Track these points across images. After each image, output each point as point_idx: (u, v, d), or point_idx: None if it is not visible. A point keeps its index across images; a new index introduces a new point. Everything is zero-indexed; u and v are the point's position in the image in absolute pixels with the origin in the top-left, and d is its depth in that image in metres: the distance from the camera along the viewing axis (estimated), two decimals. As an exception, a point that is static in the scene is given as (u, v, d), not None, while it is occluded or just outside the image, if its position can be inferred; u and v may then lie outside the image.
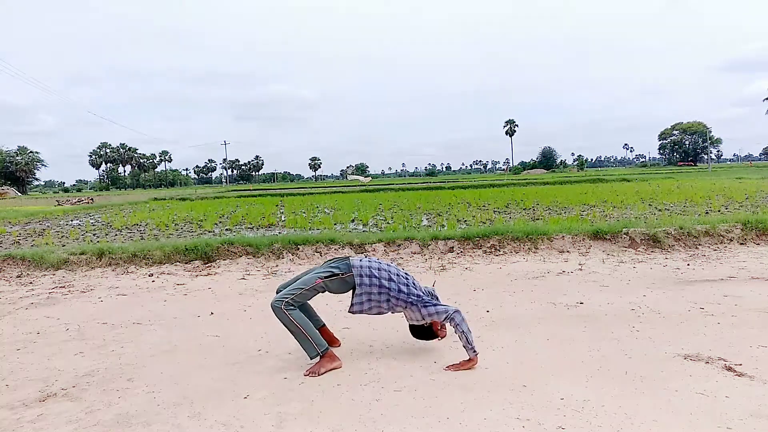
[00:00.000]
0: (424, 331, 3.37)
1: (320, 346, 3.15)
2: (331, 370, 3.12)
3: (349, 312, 3.31)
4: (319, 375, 3.06)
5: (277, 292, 3.33)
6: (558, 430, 2.32)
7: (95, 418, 2.62)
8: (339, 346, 3.54)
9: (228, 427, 2.47)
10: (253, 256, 6.99)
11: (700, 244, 6.94)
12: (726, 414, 2.41)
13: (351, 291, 3.27)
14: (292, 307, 3.16)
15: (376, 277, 3.22)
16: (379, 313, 3.32)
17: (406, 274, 3.38)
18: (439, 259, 6.69)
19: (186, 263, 6.83)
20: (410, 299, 3.23)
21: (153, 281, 6.08)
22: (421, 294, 3.30)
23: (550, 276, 5.64)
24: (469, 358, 3.11)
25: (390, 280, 3.24)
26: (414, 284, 3.33)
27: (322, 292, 3.25)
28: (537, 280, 5.50)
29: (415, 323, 3.32)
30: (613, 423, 2.36)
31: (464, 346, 3.11)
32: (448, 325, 3.26)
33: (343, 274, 3.23)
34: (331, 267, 3.26)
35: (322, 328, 3.48)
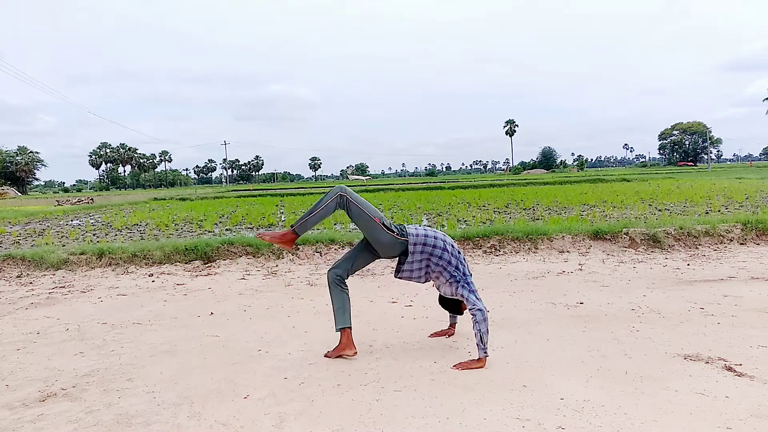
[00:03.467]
0: (452, 303, 3.43)
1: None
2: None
3: (396, 277, 3.35)
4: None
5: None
6: (558, 430, 2.31)
7: (95, 418, 2.62)
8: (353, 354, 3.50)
9: (228, 427, 2.47)
10: (253, 256, 6.99)
11: (700, 244, 6.94)
12: (726, 414, 2.41)
13: (398, 257, 3.30)
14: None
15: (430, 246, 3.24)
16: (425, 281, 3.36)
17: (459, 249, 3.40)
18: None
19: (186, 263, 6.83)
20: (456, 275, 3.26)
21: (153, 281, 6.08)
22: (467, 273, 3.33)
23: (550, 276, 5.64)
24: (479, 358, 3.11)
25: (444, 250, 3.26)
26: (463, 261, 3.35)
27: (375, 255, 3.32)
28: (537, 280, 5.50)
29: (446, 296, 3.36)
30: (613, 423, 2.36)
31: (477, 344, 3.11)
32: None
33: (397, 236, 3.25)
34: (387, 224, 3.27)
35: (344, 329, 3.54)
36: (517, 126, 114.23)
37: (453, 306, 3.46)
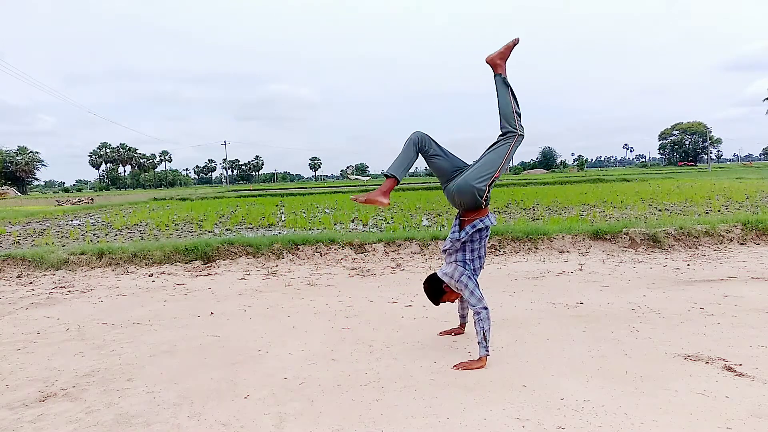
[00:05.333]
0: (436, 291, 3.30)
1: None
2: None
3: (457, 237, 3.22)
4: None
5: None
6: (558, 430, 2.32)
7: (95, 418, 2.62)
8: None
9: (228, 427, 2.47)
10: (253, 256, 6.99)
11: (700, 244, 6.94)
12: (726, 414, 2.41)
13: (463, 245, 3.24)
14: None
15: (487, 229, 3.27)
16: (461, 249, 3.26)
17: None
18: (439, 259, 6.69)
19: (186, 263, 6.83)
20: (469, 263, 3.22)
21: (153, 281, 6.08)
22: (478, 267, 3.29)
23: (550, 276, 5.64)
24: (479, 357, 3.11)
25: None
26: (483, 255, 3.33)
27: (445, 179, 3.26)
28: (537, 280, 5.49)
29: (444, 279, 3.25)
30: (613, 423, 2.36)
31: (478, 342, 3.11)
32: (470, 315, 3.43)
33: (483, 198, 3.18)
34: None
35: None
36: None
37: (435, 294, 3.31)
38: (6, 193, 58.66)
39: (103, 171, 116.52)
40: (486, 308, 3.11)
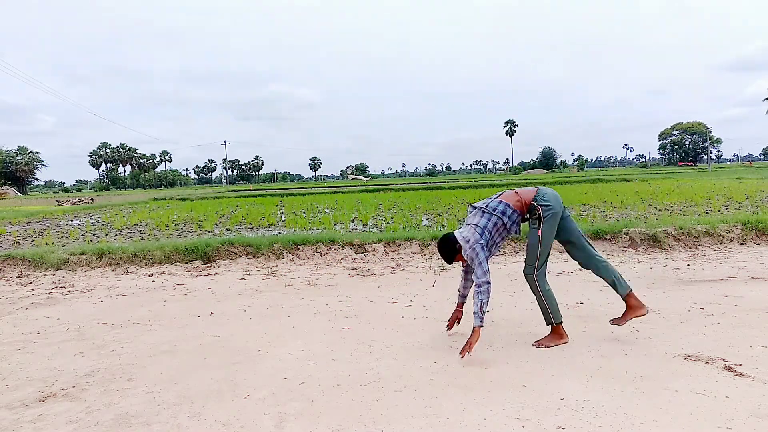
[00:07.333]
0: (451, 250, 3.43)
1: (556, 318, 3.42)
2: (558, 345, 3.37)
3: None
4: (547, 347, 3.35)
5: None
6: (558, 430, 2.31)
7: (95, 418, 2.62)
8: (646, 313, 3.48)
9: (228, 427, 2.47)
10: (253, 256, 6.99)
11: (700, 244, 6.94)
12: (726, 414, 2.41)
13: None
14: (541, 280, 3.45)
15: (499, 212, 3.39)
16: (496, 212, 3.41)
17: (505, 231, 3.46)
18: (439, 259, 6.69)
19: (186, 263, 6.83)
20: (485, 234, 3.31)
21: (153, 281, 6.08)
22: (494, 245, 3.42)
23: (550, 276, 5.62)
24: (473, 330, 3.18)
25: (502, 215, 3.39)
26: (498, 238, 3.42)
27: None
28: (537, 280, 5.49)
29: (459, 240, 3.36)
30: (613, 423, 2.36)
31: (474, 313, 3.19)
32: (471, 292, 3.55)
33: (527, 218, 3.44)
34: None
35: (629, 294, 3.49)
36: (517, 126, 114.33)
37: (449, 253, 3.44)
38: (6, 193, 58.66)
39: (103, 171, 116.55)
40: (489, 283, 3.22)
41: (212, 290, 5.53)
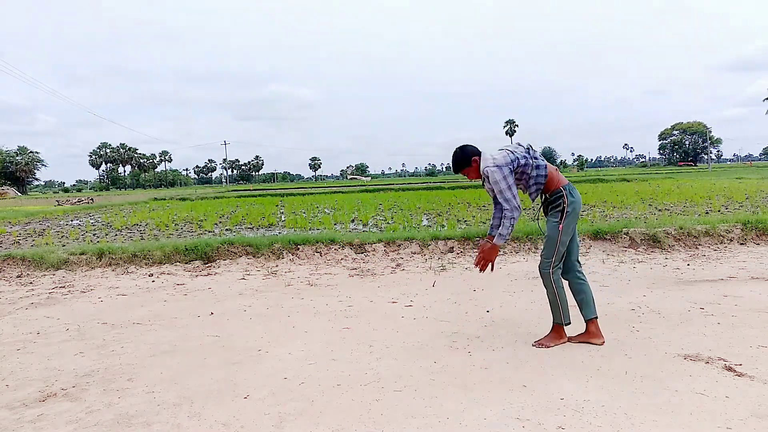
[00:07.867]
0: (465, 161, 3.37)
1: (565, 318, 3.42)
2: (558, 345, 3.38)
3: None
4: (547, 347, 3.34)
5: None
6: (558, 430, 2.31)
7: (95, 418, 2.62)
8: (602, 344, 3.39)
9: (228, 427, 2.47)
10: (253, 256, 6.99)
11: (700, 244, 6.94)
12: (726, 414, 2.41)
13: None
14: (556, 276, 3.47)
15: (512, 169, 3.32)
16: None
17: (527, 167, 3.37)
18: (439, 259, 6.69)
19: (186, 263, 6.83)
20: (510, 177, 3.27)
21: (153, 281, 6.08)
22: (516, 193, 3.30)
23: (550, 276, 5.63)
24: (492, 245, 3.31)
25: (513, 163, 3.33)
26: (512, 189, 3.29)
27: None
28: (537, 280, 5.48)
29: (478, 156, 3.33)
30: (613, 423, 2.36)
31: (499, 233, 3.22)
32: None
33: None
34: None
35: (592, 320, 3.45)
36: (517, 126, 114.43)
37: (461, 160, 3.38)
38: (6, 193, 58.67)
39: (103, 171, 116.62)
40: (518, 209, 3.20)
41: (212, 290, 5.53)
